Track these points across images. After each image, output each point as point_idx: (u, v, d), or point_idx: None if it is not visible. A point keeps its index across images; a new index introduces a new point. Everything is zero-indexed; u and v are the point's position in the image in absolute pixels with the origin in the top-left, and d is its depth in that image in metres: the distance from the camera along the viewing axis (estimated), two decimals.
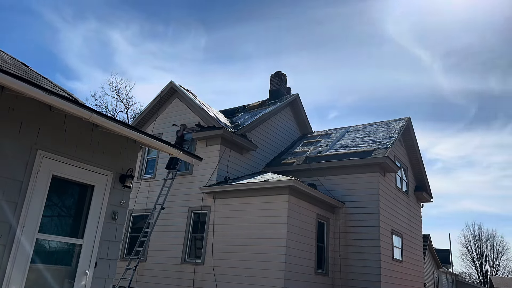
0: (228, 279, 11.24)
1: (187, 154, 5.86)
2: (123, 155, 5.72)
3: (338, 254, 13.02)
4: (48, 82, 5.92)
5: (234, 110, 17.53)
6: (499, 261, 58.59)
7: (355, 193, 13.45)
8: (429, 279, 32.11)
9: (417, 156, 17.11)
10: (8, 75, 3.84)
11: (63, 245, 5.04)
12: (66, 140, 5.02)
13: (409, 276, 15.13)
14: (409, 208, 16.34)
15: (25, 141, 4.59)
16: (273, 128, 16.67)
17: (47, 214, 4.82)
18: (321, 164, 14.21)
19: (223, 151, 13.51)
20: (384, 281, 12.41)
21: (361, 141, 15.02)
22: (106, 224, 5.37)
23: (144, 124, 16.19)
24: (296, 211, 11.43)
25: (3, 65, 4.92)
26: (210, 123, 13.96)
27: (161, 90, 15.75)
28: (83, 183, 5.23)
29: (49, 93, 4.13)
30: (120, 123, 4.97)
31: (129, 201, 5.76)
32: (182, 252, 12.71)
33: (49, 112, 4.80)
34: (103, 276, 5.28)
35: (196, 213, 13.07)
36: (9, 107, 4.48)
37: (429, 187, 17.91)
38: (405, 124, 15.95)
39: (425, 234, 29.96)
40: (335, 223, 13.42)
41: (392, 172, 14.22)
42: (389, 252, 13.34)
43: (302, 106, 18.43)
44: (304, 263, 11.48)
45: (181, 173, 14.06)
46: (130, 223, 14.61)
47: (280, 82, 19.06)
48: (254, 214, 11.52)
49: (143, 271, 13.32)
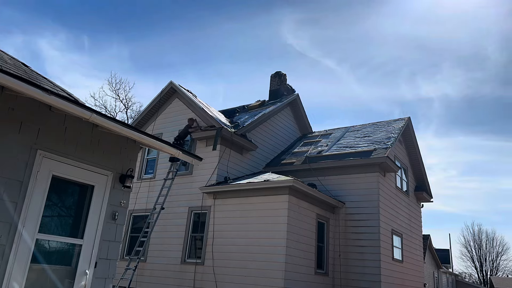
0: (228, 279, 11.24)
1: (187, 154, 5.86)
2: (123, 155, 5.72)
3: (338, 254, 13.02)
4: (48, 82, 5.92)
5: (234, 110, 17.53)
6: (499, 261, 58.67)
7: (355, 193, 13.44)
8: (429, 279, 32.11)
9: (417, 156, 17.11)
10: (8, 75, 3.84)
11: (63, 245, 5.03)
12: (66, 140, 5.02)
13: (409, 276, 15.13)
14: (409, 208, 16.35)
15: (25, 141, 4.59)
16: (273, 128, 16.67)
17: (47, 214, 4.82)
18: (321, 164, 14.20)
19: (223, 151, 13.51)
20: (384, 281, 12.41)
21: (361, 141, 15.02)
22: (106, 224, 5.36)
23: (144, 124, 16.18)
24: (296, 211, 11.43)
25: (3, 65, 4.92)
26: (210, 123, 13.96)
27: (161, 90, 15.74)
28: (83, 183, 5.22)
29: (49, 93, 4.13)
30: (120, 123, 4.97)
31: (129, 201, 5.76)
32: (182, 252, 12.71)
33: (49, 112, 4.80)
34: (103, 276, 5.28)
35: (196, 213, 13.07)
36: (9, 107, 4.47)
37: (429, 187, 17.91)
38: (405, 124, 15.95)
39: (425, 234, 29.97)
40: (335, 223, 13.42)
41: (392, 172, 14.22)
42: (389, 252, 13.34)
43: (302, 106, 18.44)
44: (304, 263, 11.48)
45: (181, 173, 14.05)
46: (130, 223, 14.61)
47: (280, 82, 19.05)
48: (254, 214, 11.52)
49: (143, 271, 13.32)
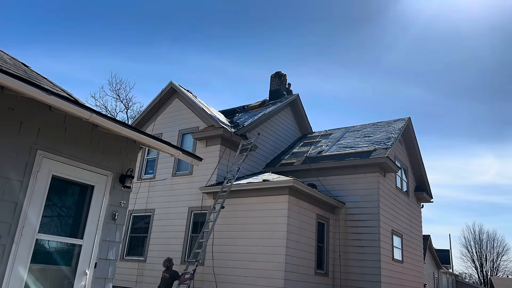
0: (228, 279, 11.23)
1: (187, 154, 5.86)
2: (123, 155, 5.72)
3: (338, 254, 13.01)
4: (48, 82, 5.92)
5: (234, 110, 17.52)
6: (499, 261, 58.66)
7: (355, 193, 13.44)
8: (429, 279, 32.10)
9: (417, 156, 17.10)
10: (8, 75, 3.84)
11: (63, 245, 5.03)
12: (66, 140, 5.01)
13: (409, 277, 15.12)
14: (409, 208, 16.34)
15: (25, 141, 4.58)
16: (273, 128, 16.66)
17: (47, 214, 4.82)
18: (321, 164, 14.20)
19: (223, 151, 13.51)
20: (384, 281, 12.41)
21: (361, 141, 15.02)
22: (106, 224, 5.36)
23: (144, 124, 16.19)
24: (296, 211, 11.43)
25: (3, 65, 4.92)
26: (210, 123, 13.96)
27: (161, 90, 15.75)
28: (83, 183, 5.22)
29: (49, 93, 4.13)
30: (120, 123, 4.97)
31: (129, 201, 5.76)
32: (182, 252, 12.70)
33: (49, 112, 4.80)
34: (103, 276, 5.28)
35: (196, 213, 13.06)
36: (9, 107, 4.47)
37: (429, 187, 17.91)
38: (405, 124, 15.95)
39: (425, 234, 29.97)
40: (335, 223, 13.41)
41: (392, 172, 14.22)
42: (389, 253, 13.33)
43: (302, 106, 18.43)
44: (304, 263, 11.47)
45: (181, 173, 14.07)
46: (130, 223, 14.61)
47: (280, 82, 19.05)
48: (254, 214, 11.52)
49: (143, 271, 13.32)
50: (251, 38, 73.79)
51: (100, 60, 52.91)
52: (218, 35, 68.64)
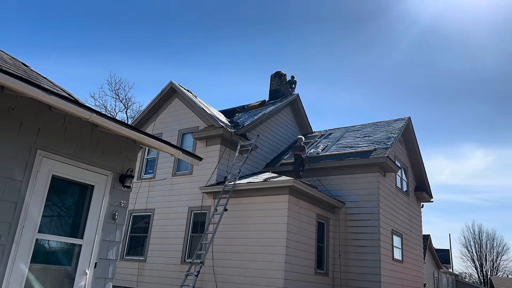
0: (228, 279, 11.23)
1: (186, 154, 5.85)
2: (123, 155, 5.72)
3: (338, 254, 13.01)
4: (48, 82, 5.92)
5: (234, 110, 17.51)
6: (499, 261, 58.68)
7: (355, 193, 13.43)
8: (429, 279, 32.10)
9: (417, 156, 17.10)
10: (8, 75, 3.83)
11: (63, 245, 5.03)
12: (66, 140, 5.01)
13: (409, 276, 15.12)
14: (409, 208, 16.34)
15: (25, 141, 4.58)
16: (273, 128, 16.66)
17: (47, 214, 4.82)
18: (321, 164, 14.19)
19: (223, 151, 13.50)
20: (384, 281, 12.41)
21: (361, 141, 15.01)
22: (106, 224, 5.36)
23: (144, 124, 16.18)
24: (296, 211, 11.43)
25: (3, 65, 4.92)
26: (209, 123, 13.95)
27: (161, 90, 15.74)
28: (83, 183, 5.22)
29: (49, 93, 4.13)
30: (120, 123, 4.97)
31: (129, 201, 5.76)
32: (182, 252, 12.71)
33: (49, 112, 4.80)
34: (103, 276, 5.28)
35: (196, 213, 13.06)
36: (9, 107, 4.47)
37: (429, 187, 17.90)
38: (405, 124, 15.94)
39: (425, 234, 29.98)
40: (335, 223, 13.41)
41: (392, 172, 14.21)
42: (389, 252, 13.33)
43: (302, 106, 18.43)
44: (304, 263, 11.47)
45: (181, 172, 14.07)
46: (130, 223, 14.61)
47: (280, 82, 19.04)
48: (254, 214, 11.52)
49: (143, 271, 13.33)
50: (251, 38, 73.84)
51: (101, 60, 52.94)
52: (218, 35, 68.70)
